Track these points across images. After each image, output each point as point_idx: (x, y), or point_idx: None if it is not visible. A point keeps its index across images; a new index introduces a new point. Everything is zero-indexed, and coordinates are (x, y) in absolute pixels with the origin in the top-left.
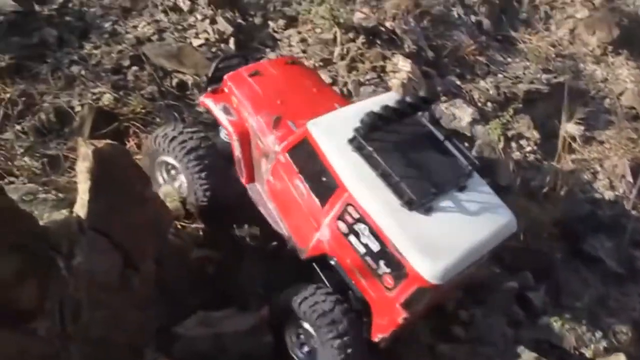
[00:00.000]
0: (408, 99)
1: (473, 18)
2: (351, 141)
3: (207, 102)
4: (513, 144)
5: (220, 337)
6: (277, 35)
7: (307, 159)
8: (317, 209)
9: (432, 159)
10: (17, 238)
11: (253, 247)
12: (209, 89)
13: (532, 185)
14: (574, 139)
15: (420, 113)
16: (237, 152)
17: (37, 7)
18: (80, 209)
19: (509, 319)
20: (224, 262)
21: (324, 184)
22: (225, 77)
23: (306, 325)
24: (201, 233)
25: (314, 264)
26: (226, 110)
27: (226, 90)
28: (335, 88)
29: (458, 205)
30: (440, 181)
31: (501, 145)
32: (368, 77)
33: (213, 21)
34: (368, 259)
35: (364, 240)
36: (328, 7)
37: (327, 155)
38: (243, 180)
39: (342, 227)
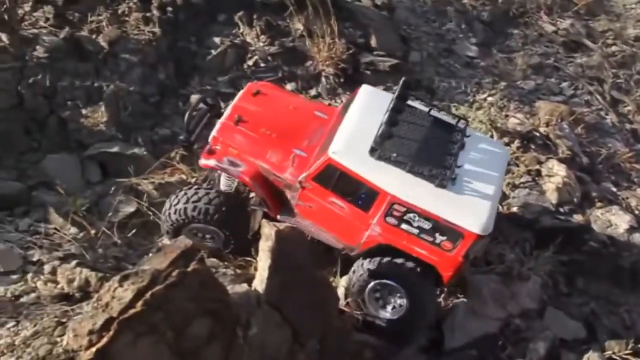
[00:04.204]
0: (395, 93)
1: (628, 126)
2: (372, 153)
3: (210, 162)
4: None
5: None
6: None
7: (337, 180)
8: (361, 214)
9: (434, 133)
10: (211, 304)
11: None
12: (197, 147)
13: None
14: None
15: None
16: (259, 194)
17: None
18: (259, 284)
19: None
20: (382, 349)
21: (361, 194)
22: (214, 134)
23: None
24: (360, 318)
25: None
26: (232, 164)
27: (218, 146)
28: None
29: (469, 162)
30: (450, 149)
31: None
32: (523, 180)
33: None
34: (424, 235)
35: (416, 224)
36: (486, 112)
37: (358, 173)
38: (272, 214)
39: (392, 221)
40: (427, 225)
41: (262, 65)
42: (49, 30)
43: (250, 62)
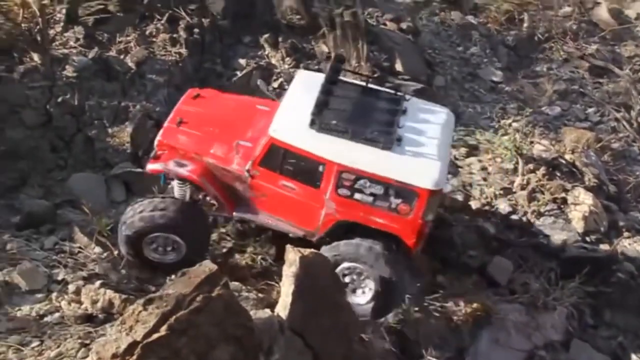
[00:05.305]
0: (327, 69)
1: None
2: (312, 125)
3: (157, 166)
4: None
5: None
6: (458, 162)
7: (282, 159)
8: (313, 192)
9: (372, 102)
10: (235, 330)
11: None
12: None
13: None
14: None
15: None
16: (210, 191)
17: None
18: (282, 309)
19: None
20: None
21: (309, 169)
22: (158, 139)
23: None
24: (385, 346)
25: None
26: (179, 164)
27: (164, 150)
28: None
29: (413, 125)
30: (391, 115)
31: None
32: (548, 208)
33: None
34: (379, 202)
35: (368, 190)
36: (512, 138)
37: (301, 147)
38: (227, 212)
39: (344, 192)
40: (379, 190)
41: (287, 87)
42: (78, 50)
43: (275, 84)
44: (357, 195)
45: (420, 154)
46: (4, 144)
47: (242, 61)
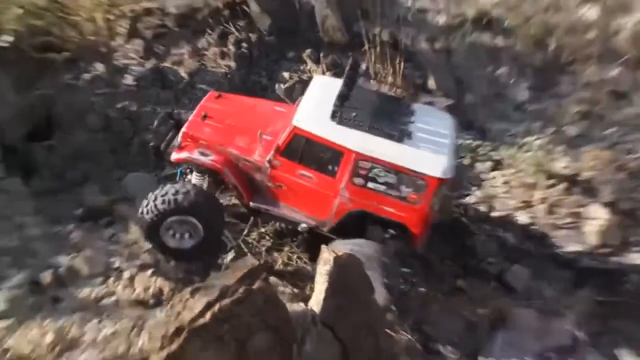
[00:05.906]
0: (347, 72)
1: None
2: (333, 117)
3: (183, 155)
4: None
5: None
6: (482, 176)
7: (303, 149)
8: (329, 180)
9: (385, 102)
10: (273, 320)
11: None
12: (168, 149)
13: None
14: None
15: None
16: (231, 180)
17: None
18: (315, 304)
19: None
20: None
21: (327, 159)
22: (184, 130)
23: None
24: (409, 342)
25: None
26: (203, 154)
27: (188, 141)
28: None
29: (421, 123)
30: (402, 113)
31: None
32: (565, 221)
33: None
34: (390, 191)
35: (382, 179)
36: (534, 154)
37: (323, 136)
38: (245, 200)
39: (359, 181)
40: (392, 178)
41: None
42: (137, 61)
43: None
44: (370, 184)
45: (429, 147)
46: (70, 146)
47: (286, 74)
